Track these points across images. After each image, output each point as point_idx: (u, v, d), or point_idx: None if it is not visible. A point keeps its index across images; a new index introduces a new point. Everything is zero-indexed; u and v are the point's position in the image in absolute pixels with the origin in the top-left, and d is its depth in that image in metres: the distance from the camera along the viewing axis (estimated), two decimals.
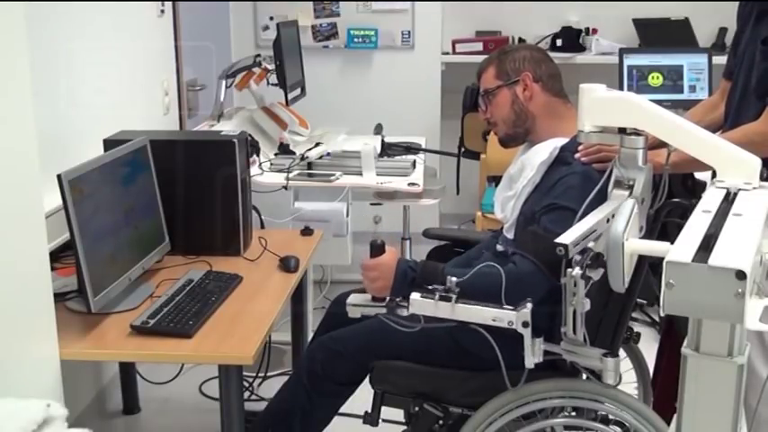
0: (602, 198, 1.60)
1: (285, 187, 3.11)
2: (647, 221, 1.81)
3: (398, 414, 2.07)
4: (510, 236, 2.08)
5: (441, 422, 1.98)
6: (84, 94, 2.52)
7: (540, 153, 2.02)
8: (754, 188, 1.31)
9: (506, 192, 2.14)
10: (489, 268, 1.78)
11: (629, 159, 1.52)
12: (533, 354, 1.67)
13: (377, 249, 1.97)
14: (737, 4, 2.20)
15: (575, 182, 1.89)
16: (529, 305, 1.65)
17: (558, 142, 2.01)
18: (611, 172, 1.58)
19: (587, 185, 1.69)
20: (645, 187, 1.53)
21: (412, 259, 2.02)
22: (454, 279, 1.70)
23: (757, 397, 1.87)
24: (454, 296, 1.66)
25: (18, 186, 1.66)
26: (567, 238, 1.44)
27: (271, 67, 3.60)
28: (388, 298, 1.90)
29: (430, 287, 1.71)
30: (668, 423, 1.53)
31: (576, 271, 1.52)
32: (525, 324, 1.63)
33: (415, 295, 1.70)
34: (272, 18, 4.41)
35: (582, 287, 1.55)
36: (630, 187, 1.54)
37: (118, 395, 2.92)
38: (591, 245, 1.57)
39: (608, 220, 1.53)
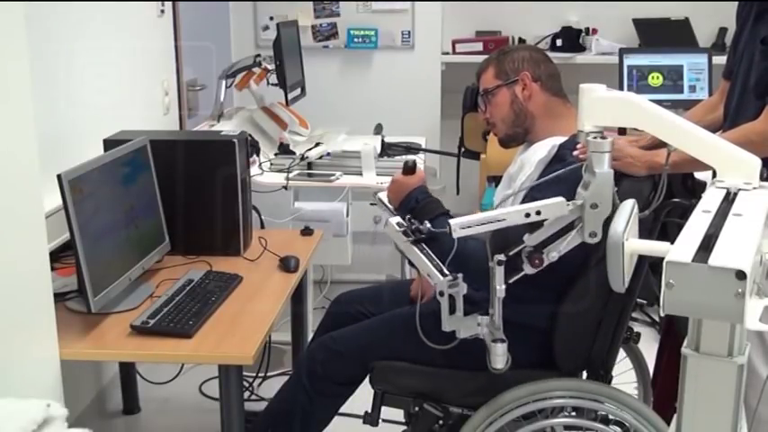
0: None
1: (285, 187, 3.11)
2: (647, 221, 1.81)
3: (398, 414, 2.08)
4: None
5: (441, 422, 1.98)
6: (84, 94, 2.52)
7: (539, 151, 2.03)
8: (754, 188, 1.31)
9: (506, 190, 2.15)
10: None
11: (590, 162, 1.53)
12: (452, 325, 1.73)
13: (407, 169, 2.11)
14: (737, 4, 2.20)
15: (562, 176, 1.89)
16: (449, 277, 1.69)
17: (556, 140, 2.01)
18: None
19: (575, 182, 1.70)
20: (596, 193, 1.53)
21: (428, 193, 2.07)
22: (428, 225, 1.76)
23: (757, 397, 1.87)
24: (413, 237, 1.74)
25: (18, 186, 1.66)
26: (455, 221, 1.56)
27: (271, 67, 3.60)
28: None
29: (412, 220, 1.79)
30: (668, 423, 1.53)
31: (497, 257, 1.61)
32: (441, 293, 1.69)
33: (393, 219, 1.79)
34: (272, 18, 4.41)
35: (499, 273, 1.63)
36: None
37: (118, 395, 2.92)
38: (525, 237, 1.61)
39: (527, 215, 1.58)
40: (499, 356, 1.72)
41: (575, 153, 1.94)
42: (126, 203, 2.17)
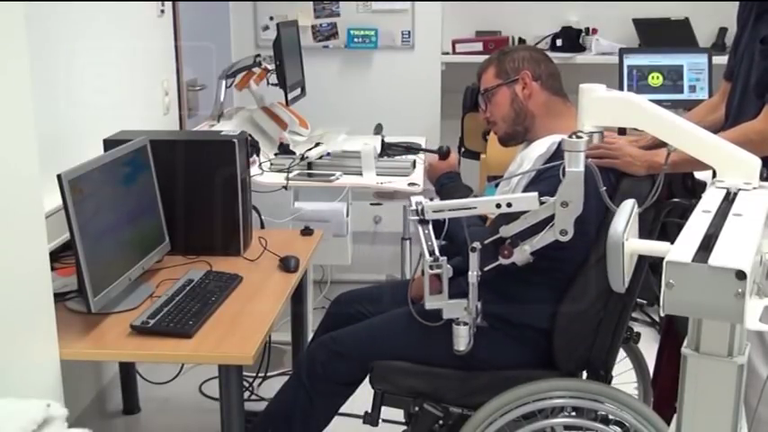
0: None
1: (285, 187, 3.11)
2: (647, 221, 1.81)
3: (398, 414, 2.08)
4: None
5: (441, 422, 1.98)
6: (84, 94, 2.52)
7: (538, 148, 2.04)
8: (754, 188, 1.31)
9: (505, 187, 2.15)
10: (468, 221, 1.86)
11: (565, 160, 1.53)
12: (431, 303, 1.78)
13: (441, 154, 2.31)
14: (738, 4, 2.20)
15: (558, 173, 1.89)
16: (430, 258, 1.73)
17: (556, 138, 2.02)
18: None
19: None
20: (567, 191, 1.56)
21: (454, 178, 2.19)
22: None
23: (757, 396, 1.87)
24: (420, 216, 1.81)
25: (18, 186, 1.66)
26: (429, 203, 1.68)
27: (271, 67, 3.60)
28: None
29: (430, 201, 1.86)
30: (668, 423, 1.53)
31: (473, 244, 1.67)
32: (422, 272, 1.76)
33: (414, 198, 1.86)
34: (272, 18, 4.41)
35: (473, 260, 1.69)
36: None
37: (118, 395, 2.92)
38: (502, 229, 1.66)
39: (498, 206, 1.62)
40: (461, 338, 1.77)
41: None
42: (126, 203, 2.17)
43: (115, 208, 2.12)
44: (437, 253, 1.74)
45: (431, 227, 1.80)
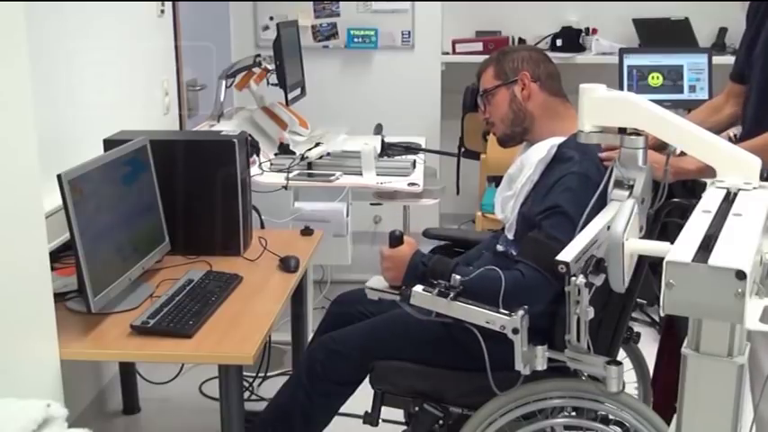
0: (602, 198, 1.60)
1: (285, 187, 3.11)
2: (647, 221, 1.81)
3: (398, 414, 2.08)
4: (510, 236, 2.08)
5: (441, 422, 1.98)
6: (84, 94, 2.52)
7: (538, 151, 2.03)
8: (754, 188, 1.31)
9: (506, 192, 2.14)
10: (494, 272, 1.80)
11: (629, 159, 1.52)
12: (526, 360, 1.67)
13: (395, 240, 2.01)
14: (747, 5, 2.17)
15: (573, 183, 1.89)
16: (521, 312, 1.65)
17: (556, 140, 2.02)
18: (611, 172, 1.58)
19: (586, 186, 1.69)
20: (645, 187, 1.53)
21: (427, 254, 2.04)
22: (458, 277, 1.73)
23: (762, 394, 1.87)
24: (452, 293, 1.70)
25: (18, 186, 1.66)
26: (567, 254, 1.43)
27: (271, 67, 3.60)
28: (403, 287, 1.89)
29: (435, 282, 1.74)
30: (668, 423, 1.53)
31: (580, 279, 1.50)
32: (515, 330, 1.64)
33: (417, 288, 1.74)
34: (272, 18, 4.42)
35: (585, 295, 1.55)
36: (631, 187, 1.54)
37: (118, 395, 2.92)
38: (594, 250, 1.58)
39: (609, 227, 1.53)
40: (614, 379, 1.67)
41: (602, 155, 1.91)
42: (126, 203, 2.17)
43: (115, 208, 2.12)
44: (503, 310, 1.66)
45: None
